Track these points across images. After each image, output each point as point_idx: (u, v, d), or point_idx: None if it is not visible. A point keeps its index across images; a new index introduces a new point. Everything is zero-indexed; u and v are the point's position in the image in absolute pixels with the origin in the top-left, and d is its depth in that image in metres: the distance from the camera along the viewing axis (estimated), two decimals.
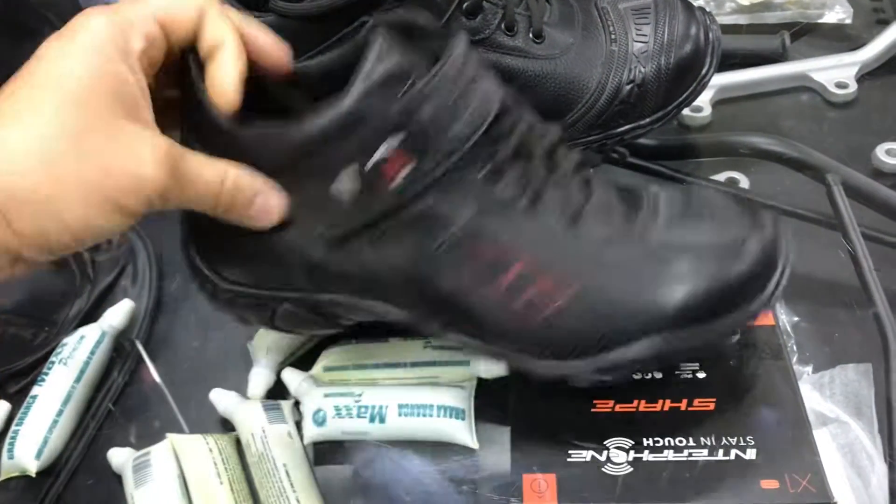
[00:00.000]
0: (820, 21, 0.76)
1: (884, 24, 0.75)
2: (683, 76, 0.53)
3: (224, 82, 0.39)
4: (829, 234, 0.57)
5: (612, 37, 0.53)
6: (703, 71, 0.54)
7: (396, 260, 0.42)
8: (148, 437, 0.53)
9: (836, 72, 0.72)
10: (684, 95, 0.54)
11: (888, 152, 0.64)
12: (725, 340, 0.45)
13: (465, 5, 0.49)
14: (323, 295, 0.45)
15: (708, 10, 0.57)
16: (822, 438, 0.47)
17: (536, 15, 0.52)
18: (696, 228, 0.43)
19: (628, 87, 0.52)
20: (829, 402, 0.50)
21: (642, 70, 0.52)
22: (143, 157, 0.35)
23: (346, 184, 0.39)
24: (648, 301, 0.41)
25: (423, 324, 0.45)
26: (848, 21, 0.76)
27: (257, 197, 0.39)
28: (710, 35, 0.54)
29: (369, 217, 0.40)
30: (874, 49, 0.72)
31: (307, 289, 0.45)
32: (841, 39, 0.76)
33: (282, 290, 0.45)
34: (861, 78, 0.72)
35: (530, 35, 0.51)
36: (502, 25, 0.51)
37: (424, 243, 0.41)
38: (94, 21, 0.36)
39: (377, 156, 0.38)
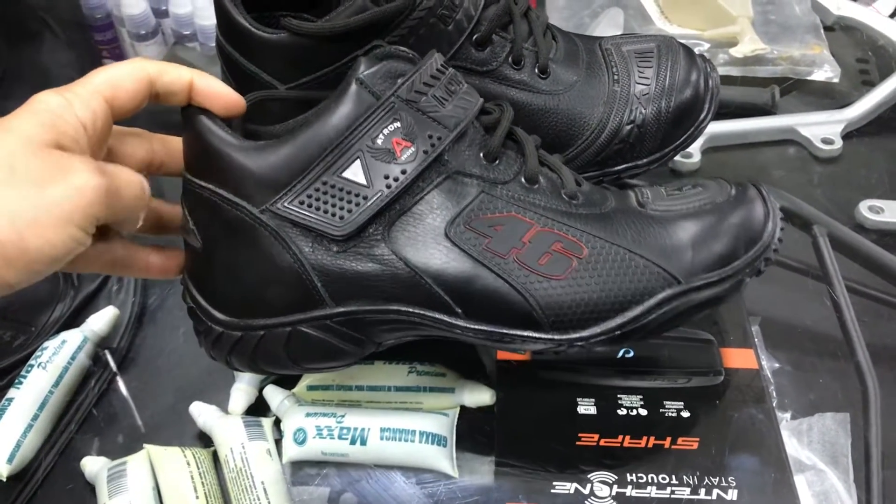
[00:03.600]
0: (809, 78, 0.78)
1: (869, 84, 0.77)
2: (682, 120, 0.54)
3: (218, 91, 0.43)
4: (813, 284, 0.58)
5: (615, 77, 0.54)
6: (702, 116, 0.55)
7: (411, 247, 0.42)
8: (124, 448, 0.52)
9: (822, 128, 0.73)
10: (682, 139, 0.55)
11: (871, 209, 0.65)
12: (739, 288, 0.45)
13: (474, 37, 0.50)
14: (342, 307, 0.44)
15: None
16: (798, 485, 0.48)
17: (543, 51, 0.52)
18: (686, 197, 0.46)
19: (628, 127, 0.53)
20: (807, 449, 0.51)
21: (643, 111, 0.53)
22: (76, 169, 0.37)
23: (358, 169, 0.41)
24: (657, 257, 0.43)
25: (445, 322, 0.44)
26: (835, 80, 0.78)
27: None
28: (710, 82, 0.55)
29: (383, 199, 0.41)
30: (860, 108, 0.74)
31: (325, 304, 0.43)
32: (828, 97, 0.78)
33: (297, 313, 0.44)
34: (847, 135, 0.73)
35: (536, 70, 0.52)
36: (510, 59, 0.52)
37: (437, 223, 0.42)
38: (46, 95, 0.39)
39: (380, 140, 0.41)
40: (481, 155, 0.43)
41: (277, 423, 0.53)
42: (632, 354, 0.51)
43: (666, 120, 0.53)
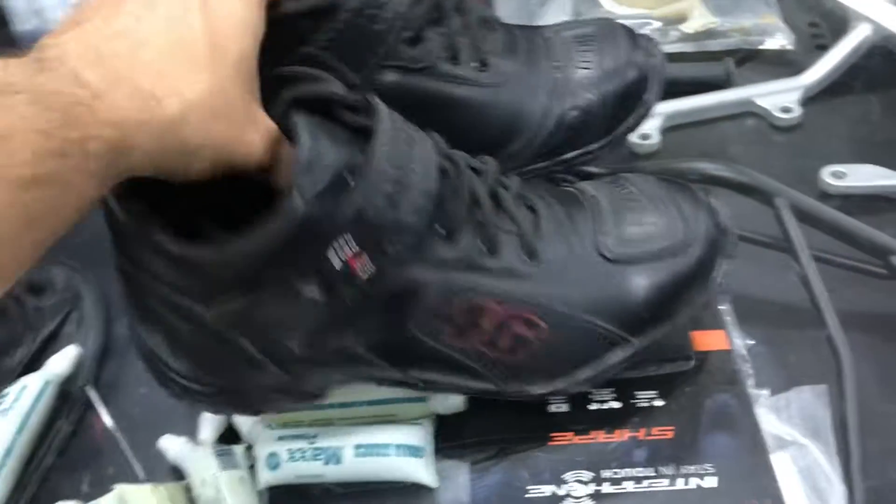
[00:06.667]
0: (762, 48, 0.77)
1: (824, 49, 0.76)
2: (628, 101, 0.54)
3: None
4: (782, 257, 0.57)
5: (556, 64, 0.53)
6: (647, 96, 0.54)
7: (370, 339, 0.42)
8: (96, 489, 0.51)
9: (780, 97, 0.73)
10: (630, 120, 0.54)
11: (834, 174, 0.65)
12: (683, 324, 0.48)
13: (407, 34, 0.49)
14: (298, 378, 0.44)
15: (653, 38, 0.57)
16: (782, 462, 0.47)
17: (480, 43, 0.51)
18: (646, 234, 0.45)
19: (574, 113, 0.52)
20: (787, 425, 0.50)
21: (587, 97, 0.52)
22: (260, 131, 0.38)
23: (312, 287, 0.39)
24: (613, 322, 0.44)
25: (408, 383, 0.46)
26: (790, 47, 0.77)
27: None
28: (653, 61, 0.54)
29: (342, 310, 0.40)
30: (816, 73, 0.73)
31: (281, 378, 0.44)
32: (784, 65, 0.77)
33: (252, 382, 0.44)
34: (805, 102, 0.73)
35: (474, 63, 0.51)
36: (446, 54, 0.51)
37: (397, 318, 0.41)
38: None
39: (334, 259, 0.38)
40: (441, 234, 0.41)
41: (250, 449, 0.52)
42: None
43: (612, 103, 0.53)
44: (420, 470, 0.48)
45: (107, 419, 0.55)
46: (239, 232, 0.37)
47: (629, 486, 0.44)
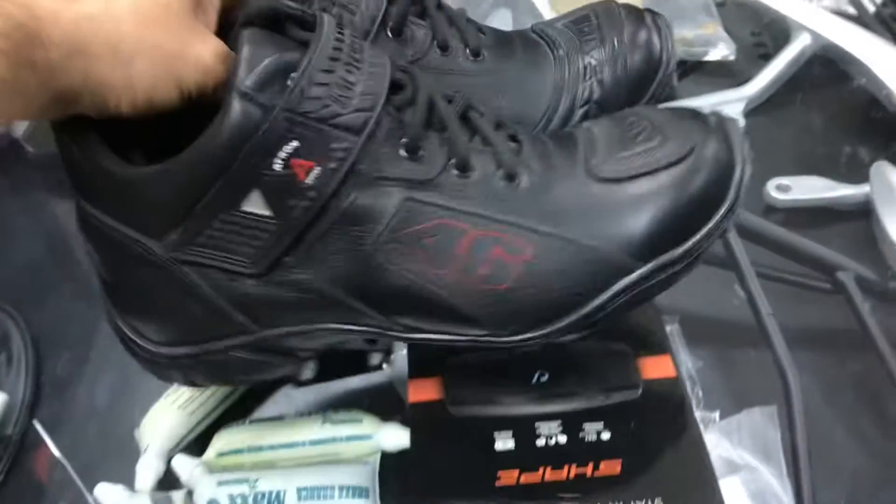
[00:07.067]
0: (705, 59, 0.77)
1: (766, 59, 0.76)
2: (643, 80, 0.52)
3: None
4: (727, 275, 0.57)
5: (559, 52, 0.50)
6: (661, 71, 0.52)
7: (334, 271, 0.39)
8: None
9: (723, 108, 0.71)
10: (649, 95, 0.52)
11: (779, 187, 0.64)
12: (696, 265, 0.42)
13: (389, 24, 0.46)
14: (270, 331, 0.41)
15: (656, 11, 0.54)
16: (733, 487, 0.47)
17: (471, 35, 0.49)
18: (643, 150, 0.40)
19: (586, 96, 0.50)
20: (738, 448, 0.50)
21: (598, 79, 0.50)
22: (209, 48, 0.37)
23: (259, 201, 0.37)
24: (611, 243, 0.39)
25: (384, 336, 0.42)
26: (732, 58, 0.77)
27: None
28: (662, 34, 0.52)
29: (295, 228, 0.37)
30: (759, 84, 0.73)
31: (251, 330, 0.41)
32: (726, 76, 0.77)
33: (224, 339, 0.42)
34: (748, 113, 0.72)
35: (468, 53, 0.49)
36: (435, 44, 0.48)
37: (360, 242, 0.38)
38: None
39: (278, 165, 0.36)
40: (401, 149, 0.38)
41: (191, 494, 0.50)
42: (547, 377, 0.49)
43: (626, 84, 0.51)
44: None
45: (34, 471, 0.53)
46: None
47: None
